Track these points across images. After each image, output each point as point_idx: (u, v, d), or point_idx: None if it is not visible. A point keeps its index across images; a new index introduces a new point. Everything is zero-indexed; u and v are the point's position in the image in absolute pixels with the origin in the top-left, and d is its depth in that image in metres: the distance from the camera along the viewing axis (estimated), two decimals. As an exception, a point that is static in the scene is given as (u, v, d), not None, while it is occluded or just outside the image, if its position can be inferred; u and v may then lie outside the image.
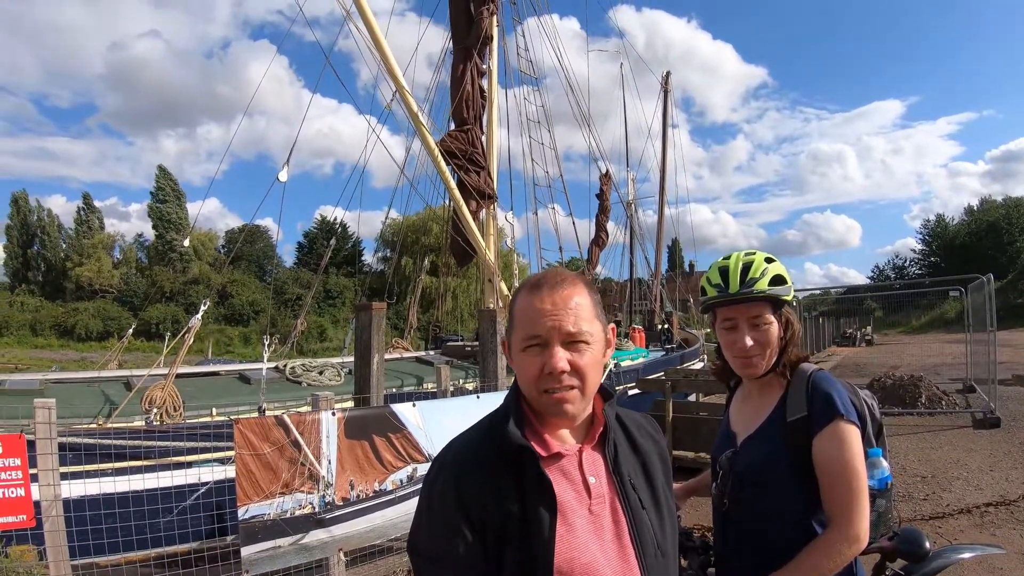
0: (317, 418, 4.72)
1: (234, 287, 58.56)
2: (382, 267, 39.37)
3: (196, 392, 8.90)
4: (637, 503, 1.53)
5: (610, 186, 19.59)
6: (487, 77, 14.59)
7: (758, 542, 2.05)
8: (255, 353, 37.68)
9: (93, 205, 71.76)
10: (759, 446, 2.08)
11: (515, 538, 1.39)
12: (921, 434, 10.65)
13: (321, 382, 10.33)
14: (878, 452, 2.17)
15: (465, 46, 13.69)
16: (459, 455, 1.49)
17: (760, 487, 2.04)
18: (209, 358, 21.43)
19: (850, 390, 2.16)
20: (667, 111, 29.43)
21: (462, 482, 1.42)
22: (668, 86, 29.56)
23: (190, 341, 8.92)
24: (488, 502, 1.40)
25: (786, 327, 2.12)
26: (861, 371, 20.35)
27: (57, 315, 57.90)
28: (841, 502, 1.90)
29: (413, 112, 12.37)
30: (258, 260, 67.17)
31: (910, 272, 66.45)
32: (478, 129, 13.78)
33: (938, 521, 6.61)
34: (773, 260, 2.12)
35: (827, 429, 1.93)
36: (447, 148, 12.89)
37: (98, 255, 64.07)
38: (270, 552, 4.44)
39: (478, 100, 13.80)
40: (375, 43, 11.47)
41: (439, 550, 1.41)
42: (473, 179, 13.27)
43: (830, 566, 1.89)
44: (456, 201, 13.17)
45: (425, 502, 1.48)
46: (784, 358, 2.10)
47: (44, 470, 3.98)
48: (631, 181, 27.05)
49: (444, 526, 1.41)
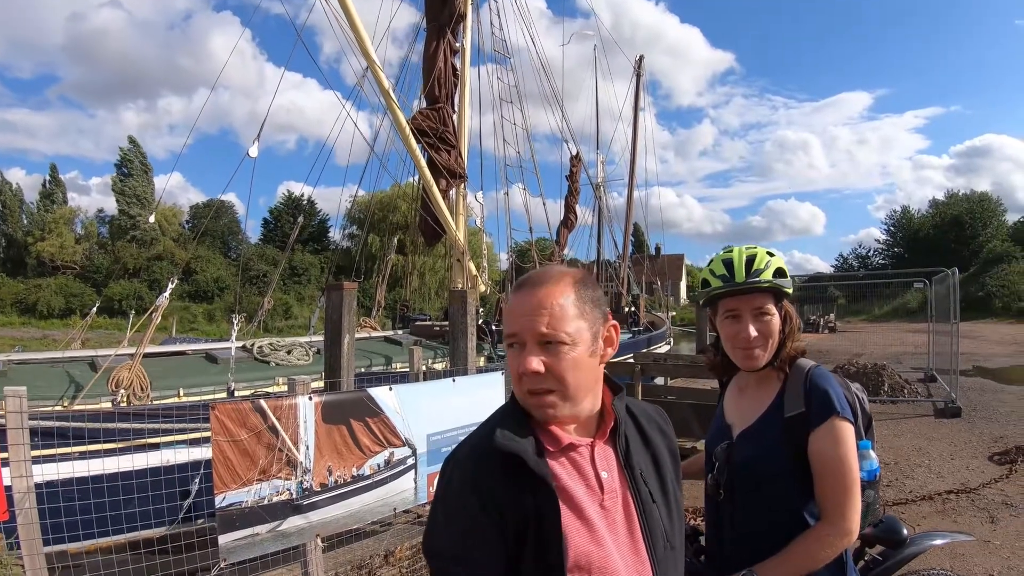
0: (294, 403, 4.63)
1: (199, 263, 57.73)
2: (349, 244, 39.09)
3: (163, 372, 8.76)
4: (648, 497, 1.53)
5: (580, 168, 19.59)
6: (459, 55, 14.48)
7: (752, 532, 2.10)
8: (220, 331, 37.36)
9: (59, 178, 70.27)
10: (756, 440, 2.12)
11: (532, 537, 1.38)
12: (884, 422, 10.84)
13: (290, 362, 10.21)
14: (867, 444, 2.24)
15: (438, 23, 13.55)
16: (472, 453, 1.46)
17: (756, 480, 2.08)
18: (174, 336, 21.15)
19: (843, 385, 2.22)
20: (639, 96, 29.43)
21: (479, 481, 1.40)
22: (641, 70, 29.55)
23: (156, 320, 8.79)
24: (504, 500, 1.38)
25: (785, 320, 2.14)
26: (824, 357, 20.62)
27: (18, 291, 56.72)
28: (835, 497, 1.96)
29: (385, 89, 12.25)
30: (223, 236, 66.26)
31: (874, 262, 67.23)
32: (449, 108, 13.68)
33: (901, 507, 6.76)
34: (774, 254, 2.16)
35: (824, 426, 1.98)
36: (418, 126, 12.80)
37: (59, 230, 62.78)
38: (247, 540, 4.36)
39: (450, 78, 13.71)
40: (348, 20, 11.29)
41: (460, 549, 1.38)
42: (443, 158, 13.21)
43: (821, 558, 1.96)
44: (426, 180, 13.11)
45: (441, 502, 1.46)
46: (783, 352, 2.12)
47: (16, 461, 3.86)
48: (600, 163, 27.07)
49: (464, 525, 1.39)
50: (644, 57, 29.96)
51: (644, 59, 29.95)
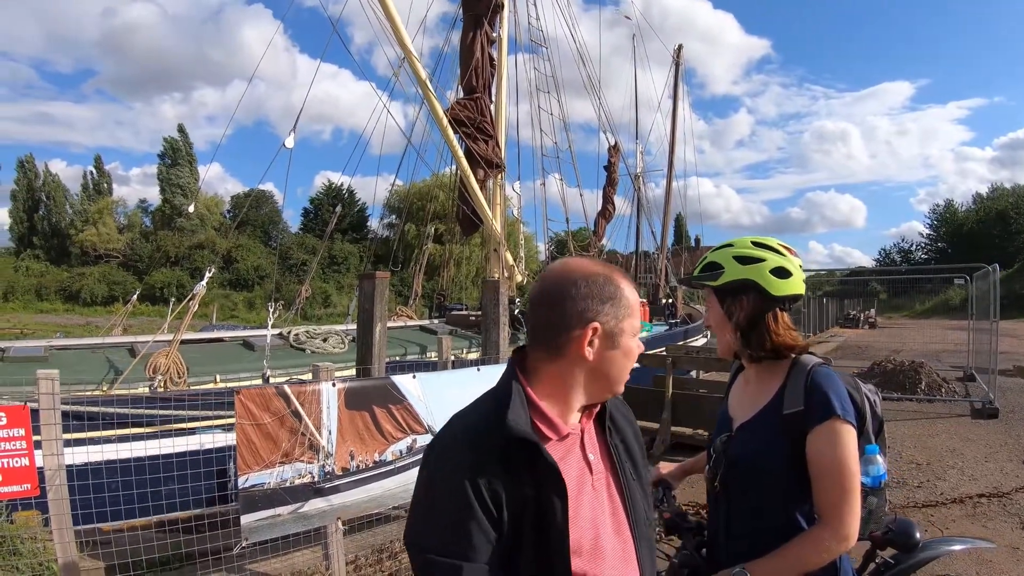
0: (317, 389, 4.79)
1: (239, 252, 58.52)
2: (387, 233, 39.30)
3: (200, 359, 8.96)
4: (630, 477, 1.60)
5: (618, 159, 19.49)
6: (496, 45, 14.46)
7: (745, 527, 2.10)
8: (259, 318, 37.79)
9: (103, 169, 71.85)
10: (753, 435, 2.10)
11: (530, 525, 1.39)
12: (919, 421, 10.67)
13: (325, 349, 10.36)
14: (875, 449, 2.17)
15: (475, 13, 13.53)
16: (467, 441, 1.44)
17: (750, 474, 2.07)
18: (213, 323, 21.49)
19: (852, 385, 2.19)
20: (678, 86, 29.11)
21: (475, 470, 1.37)
22: (680, 59, 29.22)
23: (194, 308, 8.97)
24: (501, 490, 1.37)
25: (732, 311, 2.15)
26: (863, 354, 20.36)
27: (62, 280, 58.09)
28: (832, 500, 1.93)
29: (423, 81, 12.26)
30: (263, 225, 67.02)
31: (916, 256, 65.98)
32: (487, 98, 13.67)
33: (931, 509, 6.63)
34: (726, 247, 2.21)
35: (822, 427, 1.94)
36: (455, 116, 12.78)
37: (103, 220, 64.05)
38: (269, 520, 4.54)
39: (487, 68, 13.66)
40: (385, 12, 11.35)
41: (449, 542, 1.34)
42: (481, 148, 13.19)
43: (816, 561, 1.93)
44: (463, 170, 13.10)
45: (427, 490, 1.42)
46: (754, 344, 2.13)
47: (47, 440, 4.05)
48: (639, 153, 26.89)
49: (453, 516, 1.35)
50: (683, 46, 29.60)
51: (683, 48, 29.60)
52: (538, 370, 1.52)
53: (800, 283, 2.15)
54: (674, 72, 28.95)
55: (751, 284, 2.10)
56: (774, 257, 2.13)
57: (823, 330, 31.22)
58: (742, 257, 2.13)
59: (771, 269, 2.10)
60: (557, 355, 1.50)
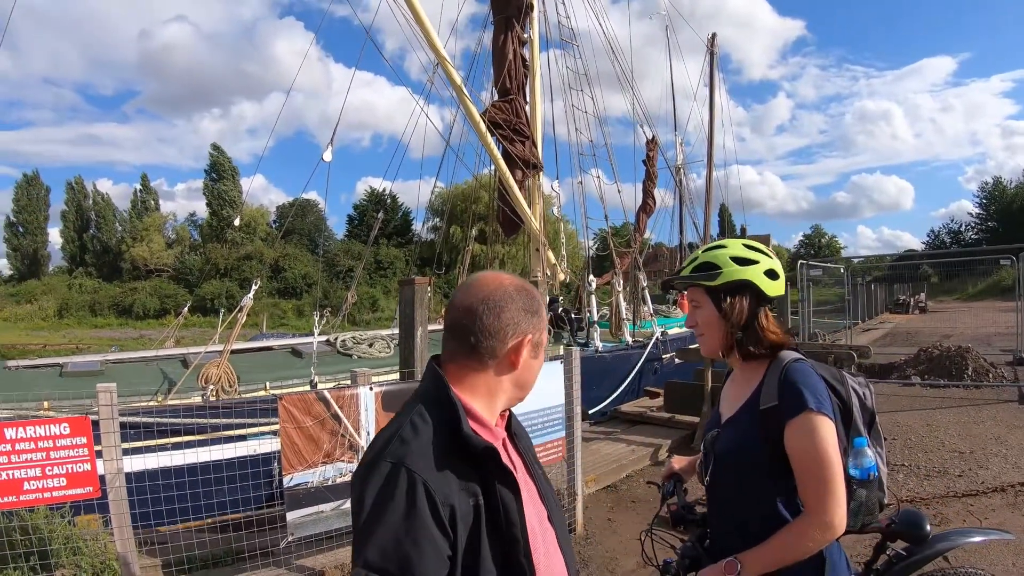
0: (356, 393, 5.08)
1: (286, 261, 59.49)
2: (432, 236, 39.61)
3: (250, 367, 9.25)
4: (537, 472, 1.73)
5: (657, 152, 19.40)
6: (528, 46, 14.51)
7: (733, 519, 2.19)
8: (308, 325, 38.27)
9: (150, 186, 73.83)
10: (734, 430, 2.19)
11: (491, 531, 1.43)
12: (964, 407, 10.45)
13: (371, 354, 10.56)
14: (863, 442, 2.20)
15: (506, 16, 13.61)
16: (420, 456, 1.41)
17: (732, 469, 2.16)
18: (263, 332, 21.93)
19: (837, 378, 2.23)
20: (713, 75, 28.85)
21: (430, 485, 1.37)
22: (714, 48, 28.94)
23: (242, 320, 9.24)
24: (459, 501, 1.39)
25: (728, 311, 2.19)
26: (912, 340, 20.04)
27: (115, 295, 59.90)
28: (812, 491, 1.98)
29: (458, 85, 12.40)
30: (309, 233, 67.99)
31: (967, 237, 64.47)
32: (521, 99, 13.73)
33: (971, 499, 6.52)
34: (718, 248, 2.26)
35: (796, 420, 1.99)
36: (492, 119, 12.87)
37: (151, 236, 65.65)
38: (313, 516, 4.87)
39: (520, 70, 13.73)
40: (415, 18, 11.49)
41: (406, 558, 1.33)
42: (518, 149, 13.27)
43: (802, 550, 1.99)
44: (502, 172, 13.19)
45: (378, 507, 1.37)
46: (747, 343, 2.19)
47: (107, 447, 4.36)
48: (679, 145, 26.68)
49: (414, 532, 1.34)
50: (716, 35, 29.32)
51: (717, 37, 29.32)
52: (466, 377, 1.57)
53: (784, 285, 2.25)
54: (709, 62, 28.70)
55: (748, 285, 2.18)
56: (765, 259, 2.22)
57: (872, 316, 30.74)
58: (739, 259, 2.20)
59: (764, 271, 2.19)
60: (490, 362, 1.57)
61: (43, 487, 4.28)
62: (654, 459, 8.56)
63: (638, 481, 7.74)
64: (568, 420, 6.27)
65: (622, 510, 6.94)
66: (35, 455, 4.25)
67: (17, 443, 4.21)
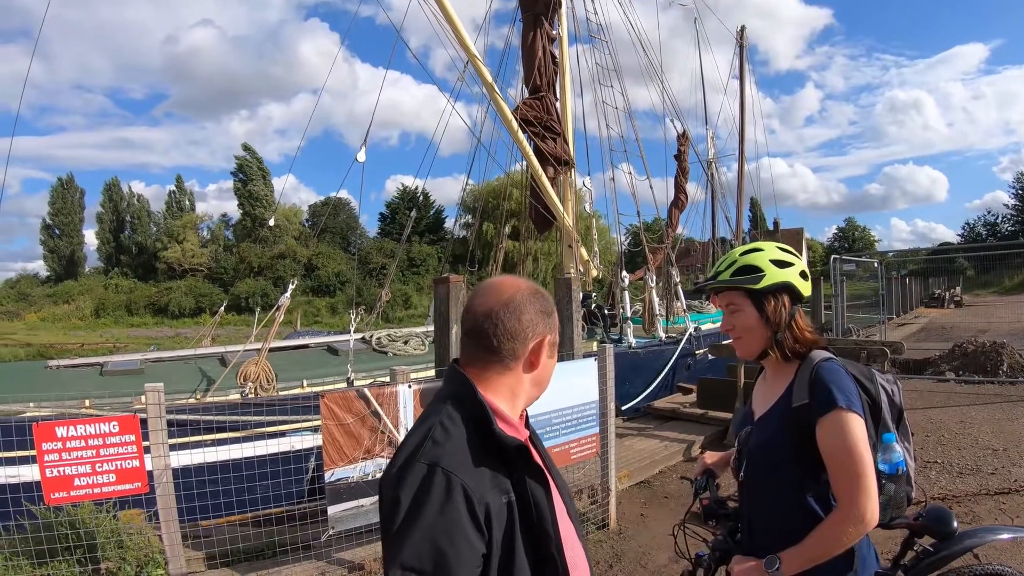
0: (395, 390, 5.17)
1: (320, 259, 59.95)
2: (464, 233, 39.70)
3: (287, 365, 9.38)
4: (553, 468, 1.74)
5: (688, 147, 19.29)
6: (557, 43, 14.50)
7: (765, 515, 2.23)
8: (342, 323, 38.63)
9: (184, 187, 74.92)
10: (767, 427, 2.22)
11: (524, 527, 1.47)
12: (999, 404, 10.28)
13: (406, 351, 10.64)
14: (891, 438, 2.23)
15: (535, 13, 13.61)
16: (454, 457, 1.43)
17: (765, 465, 2.20)
18: (299, 330, 22.17)
19: (867, 376, 2.26)
20: (743, 68, 28.60)
21: (467, 484, 1.39)
22: (743, 41, 28.70)
23: (280, 319, 9.37)
24: (492, 500, 1.42)
25: (771, 314, 2.21)
26: (946, 335, 19.77)
27: (151, 295, 60.83)
28: (845, 486, 2.01)
29: (489, 83, 12.40)
30: (342, 232, 68.48)
31: (1003, 229, 63.23)
32: (551, 96, 13.73)
33: (1003, 497, 6.41)
34: (755, 251, 2.27)
35: (826, 418, 2.03)
36: (523, 117, 12.85)
37: (185, 235, 66.56)
38: (353, 510, 5.01)
39: (550, 66, 13.69)
40: (445, 16, 11.53)
41: (442, 558, 1.34)
42: (550, 146, 13.27)
43: (838, 545, 2.02)
44: (534, 169, 13.18)
45: (414, 509, 1.38)
46: (788, 343, 2.22)
47: (155, 444, 4.52)
48: (710, 139, 26.52)
49: (451, 533, 1.35)
50: (745, 27, 29.04)
51: (745, 29, 29.04)
52: (489, 379, 1.60)
53: (811, 286, 2.29)
54: (739, 55, 28.46)
55: (787, 286, 2.22)
56: (798, 262, 2.26)
57: (907, 311, 30.31)
58: (778, 261, 2.23)
59: (799, 272, 2.24)
60: (511, 364, 1.61)
61: (93, 483, 4.44)
62: (687, 455, 8.56)
63: (671, 477, 7.76)
64: (602, 416, 6.29)
65: (655, 505, 6.96)
66: (85, 452, 4.41)
67: (68, 441, 4.37)
